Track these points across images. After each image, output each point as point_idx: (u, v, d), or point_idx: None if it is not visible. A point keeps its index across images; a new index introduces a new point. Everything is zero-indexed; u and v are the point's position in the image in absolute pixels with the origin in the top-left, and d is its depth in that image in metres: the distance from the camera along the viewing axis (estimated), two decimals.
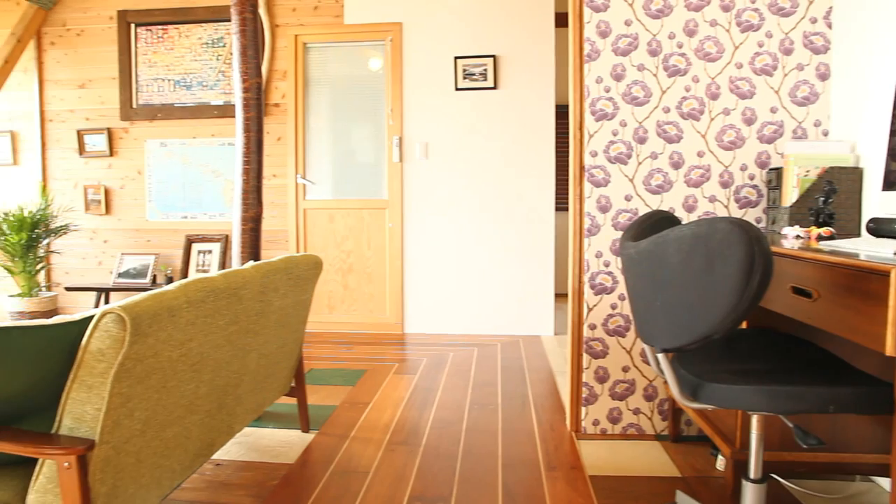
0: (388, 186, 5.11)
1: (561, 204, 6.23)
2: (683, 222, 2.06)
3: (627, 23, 2.72)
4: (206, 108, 5.33)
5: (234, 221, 3.04)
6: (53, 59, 5.58)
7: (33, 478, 1.46)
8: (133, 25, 5.43)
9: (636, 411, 2.85)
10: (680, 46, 2.70)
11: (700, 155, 2.71)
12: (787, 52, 2.64)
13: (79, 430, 1.44)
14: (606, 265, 2.81)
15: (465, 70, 4.94)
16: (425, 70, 5.00)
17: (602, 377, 2.85)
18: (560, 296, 5.98)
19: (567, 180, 6.21)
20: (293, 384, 2.92)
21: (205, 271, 5.18)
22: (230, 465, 2.61)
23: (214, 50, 5.32)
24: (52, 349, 1.47)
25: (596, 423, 2.88)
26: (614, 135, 2.76)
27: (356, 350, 4.60)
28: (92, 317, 1.43)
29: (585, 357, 2.86)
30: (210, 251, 5.23)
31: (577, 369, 2.88)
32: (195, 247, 5.27)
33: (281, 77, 5.19)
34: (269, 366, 2.40)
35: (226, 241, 5.21)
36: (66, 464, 1.40)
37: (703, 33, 2.68)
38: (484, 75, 4.91)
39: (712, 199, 2.72)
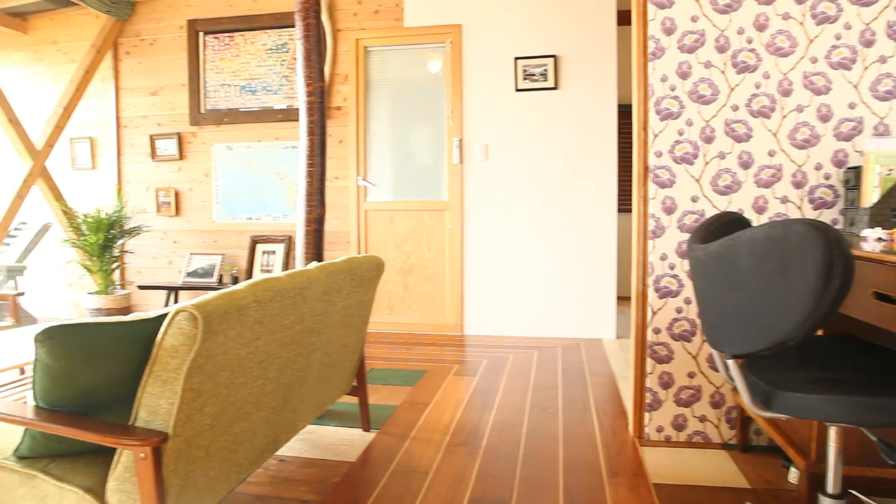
0: (447, 188, 5.12)
1: (623, 205, 6.12)
2: (754, 224, 1.99)
3: (694, 19, 2.65)
4: (270, 112, 5.47)
5: (297, 223, 3.10)
6: (128, 67, 5.82)
7: (112, 466, 1.52)
8: (202, 34, 5.61)
9: (702, 418, 2.77)
10: (749, 42, 2.61)
11: (771, 154, 2.62)
12: (868, 43, 2.52)
13: (153, 423, 1.49)
14: (671, 268, 2.74)
15: (525, 71, 4.91)
16: (485, 71, 5.00)
17: (666, 382, 2.78)
18: (622, 299, 5.87)
19: (630, 181, 6.09)
20: (355, 383, 2.96)
21: (268, 271, 5.31)
22: (293, 462, 2.66)
23: (278, 55, 5.45)
24: (130, 345, 1.53)
25: (660, 429, 2.81)
26: (680, 134, 2.69)
27: (416, 351, 4.63)
28: (166, 314, 1.48)
29: (649, 362, 2.80)
30: (274, 252, 5.35)
31: (640, 374, 2.82)
32: (259, 247, 5.41)
33: (342, 81, 5.27)
34: (332, 365, 2.44)
35: (289, 241, 5.33)
36: (142, 454, 1.45)
37: (775, 27, 2.58)
38: (544, 76, 4.87)
39: (784, 200, 2.62)
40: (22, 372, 3.45)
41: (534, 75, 4.90)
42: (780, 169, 2.61)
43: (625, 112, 5.82)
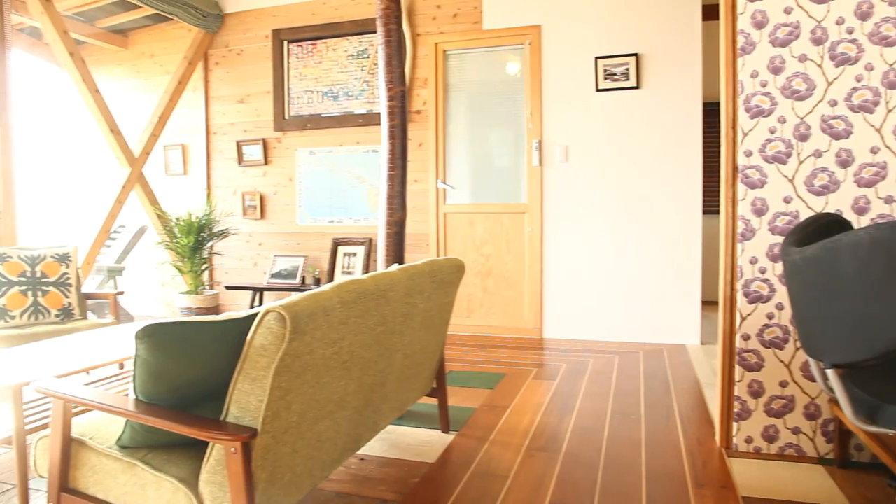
0: (527, 190, 5.09)
1: (709, 207, 5.90)
2: (855, 227, 1.88)
3: (787, 10, 2.53)
4: (351, 117, 5.59)
5: (379, 225, 3.15)
6: (217, 77, 6.08)
7: (205, 459, 1.58)
8: (286, 42, 5.80)
9: (795, 430, 2.63)
10: (850, 32, 2.47)
11: (874, 151, 2.47)
12: None
13: (243, 419, 1.54)
14: (762, 272, 2.62)
15: (605, 70, 4.82)
16: (565, 72, 4.93)
17: (756, 391, 2.66)
18: (707, 303, 5.67)
19: (716, 182, 5.87)
20: (434, 385, 2.97)
21: (349, 273, 5.42)
22: (373, 461, 2.70)
23: (359, 61, 5.56)
24: (222, 343, 1.59)
25: (749, 440, 2.70)
26: (771, 132, 2.58)
27: (495, 354, 4.62)
28: (256, 314, 1.53)
29: (738, 369, 2.68)
30: (355, 254, 5.46)
31: (728, 382, 2.71)
32: (341, 249, 5.53)
33: (422, 84, 5.33)
34: (412, 366, 2.46)
35: (369, 244, 5.42)
36: (232, 449, 1.51)
37: (880, 14, 2.43)
38: (626, 75, 4.77)
39: (888, 201, 2.46)
40: (121, 367, 3.65)
41: (615, 75, 4.80)
42: (883, 167, 2.46)
43: (711, 110, 5.61)
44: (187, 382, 1.64)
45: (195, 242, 5.44)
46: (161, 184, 6.23)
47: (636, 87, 4.76)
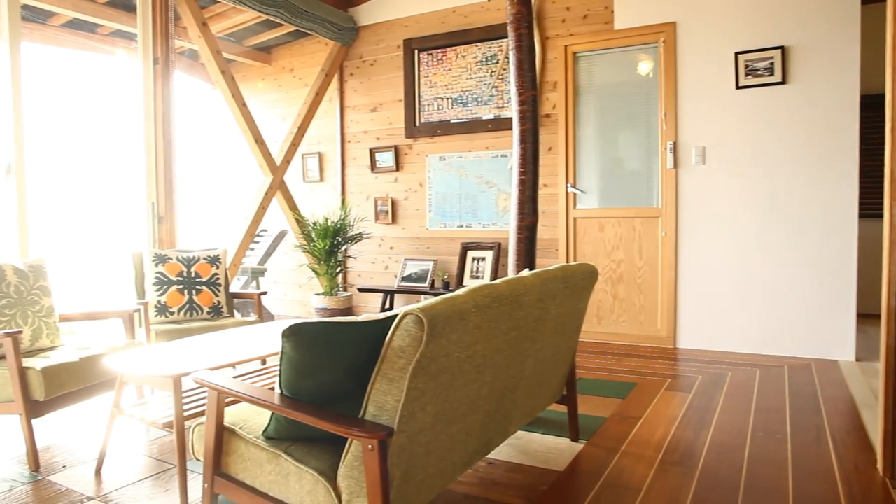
0: (660, 194, 4.90)
1: (866, 210, 5.40)
2: None
3: None
4: (479, 122, 5.63)
5: (510, 230, 3.14)
6: (352, 87, 6.34)
7: (343, 454, 1.64)
8: (416, 51, 5.94)
9: None
10: None
11: None
12: None
13: (380, 418, 1.59)
14: None
15: (747, 66, 4.55)
16: (701, 69, 4.71)
17: None
18: (864, 316, 5.18)
19: (876, 183, 5.36)
20: (565, 392, 2.92)
21: (478, 277, 5.46)
22: (502, 465, 2.70)
23: (488, 67, 5.60)
24: (361, 343, 1.65)
25: None
26: None
27: (625, 362, 4.48)
28: (395, 317, 1.57)
29: None
30: (484, 258, 5.49)
31: (892, 403, 2.46)
32: (470, 254, 5.58)
33: (551, 88, 5.28)
34: (543, 372, 2.44)
35: (498, 248, 5.43)
36: (370, 446, 1.55)
37: None
38: (770, 70, 4.47)
39: None
40: (263, 363, 3.88)
41: (757, 70, 4.52)
42: None
43: (870, 104, 5.14)
44: (327, 380, 1.71)
45: (331, 246, 5.70)
46: (299, 190, 6.58)
47: (781, 83, 4.45)
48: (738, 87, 4.59)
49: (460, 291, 1.74)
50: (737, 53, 4.57)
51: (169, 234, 4.67)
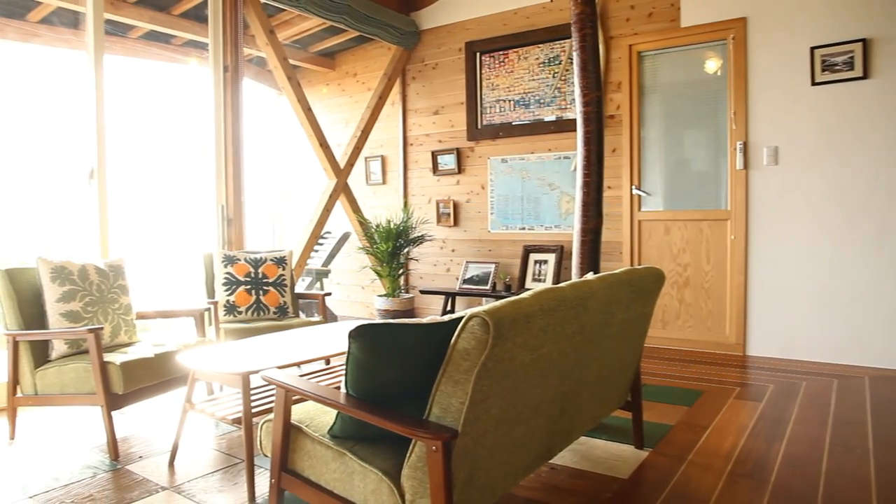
0: (729, 196, 4.74)
1: None
2: None
3: None
4: (541, 124, 5.59)
5: (574, 233, 3.11)
6: (414, 91, 6.40)
7: (407, 455, 1.65)
8: (478, 54, 5.94)
9: None
10: None
11: None
12: None
13: (445, 420, 1.59)
14: None
15: (823, 61, 4.36)
16: (774, 66, 4.54)
17: None
18: None
19: None
20: (629, 398, 2.87)
21: (540, 280, 5.42)
22: (564, 471, 2.66)
23: (550, 68, 5.55)
24: (425, 345, 1.66)
25: None
26: None
27: (691, 369, 4.36)
28: (459, 319, 1.57)
29: None
30: (546, 261, 5.45)
31: None
32: (532, 256, 5.54)
33: (615, 88, 5.19)
34: (608, 377, 2.40)
35: (561, 251, 5.37)
36: (434, 448, 1.56)
37: None
38: (849, 64, 4.28)
39: None
40: (327, 362, 3.95)
41: (835, 65, 4.33)
42: None
43: None
44: (392, 380, 1.73)
45: (393, 248, 5.75)
46: (362, 193, 6.67)
47: (863, 77, 4.25)
48: (813, 84, 4.41)
49: (525, 294, 1.72)
50: (812, 48, 4.39)
51: (237, 235, 4.81)
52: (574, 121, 5.20)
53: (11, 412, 3.16)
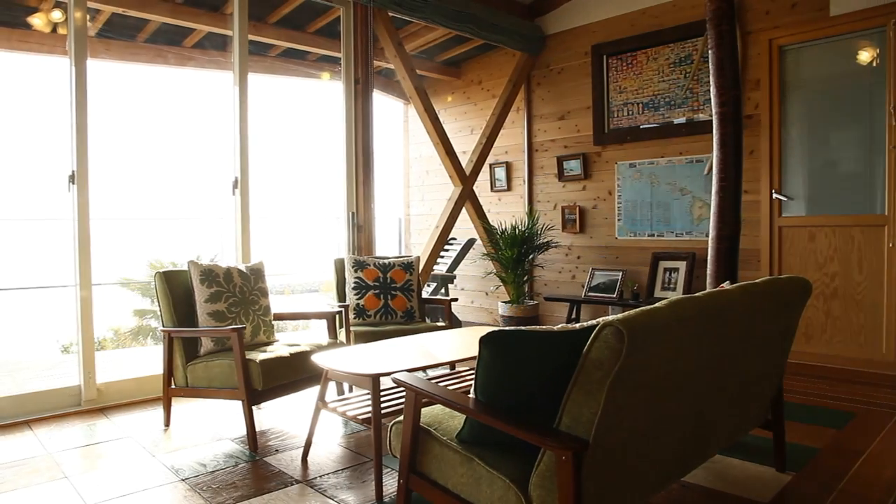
0: (887, 199, 4.33)
1: None
2: None
3: None
4: (671, 127, 5.37)
5: (709, 240, 2.96)
6: (539, 97, 6.36)
7: (536, 464, 1.64)
8: (605, 57, 5.81)
9: None
10: None
11: None
12: None
13: (575, 430, 1.56)
14: None
15: None
16: None
17: None
18: None
19: None
20: (770, 417, 2.69)
21: (670, 289, 5.20)
22: (696, 490, 2.54)
23: (681, 68, 5.33)
24: (556, 353, 1.64)
25: None
26: None
27: (841, 388, 4.02)
28: (592, 328, 1.54)
29: None
30: (676, 269, 5.22)
31: None
32: (661, 264, 5.33)
33: (753, 87, 4.90)
34: (747, 393, 2.26)
35: (693, 259, 5.13)
36: (563, 458, 1.53)
37: None
38: None
39: None
40: (452, 367, 3.99)
41: None
42: None
43: None
44: (522, 387, 1.72)
45: (518, 254, 5.74)
46: (487, 199, 6.71)
47: None
48: None
49: (660, 304, 1.66)
50: None
51: (367, 241, 4.99)
52: (707, 122, 4.97)
53: (167, 402, 3.47)
